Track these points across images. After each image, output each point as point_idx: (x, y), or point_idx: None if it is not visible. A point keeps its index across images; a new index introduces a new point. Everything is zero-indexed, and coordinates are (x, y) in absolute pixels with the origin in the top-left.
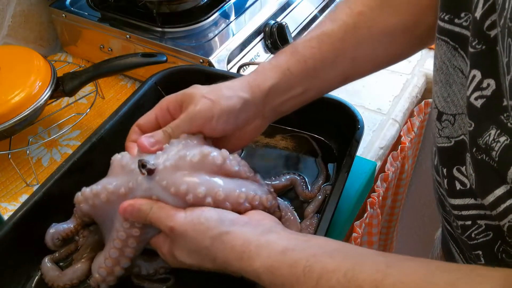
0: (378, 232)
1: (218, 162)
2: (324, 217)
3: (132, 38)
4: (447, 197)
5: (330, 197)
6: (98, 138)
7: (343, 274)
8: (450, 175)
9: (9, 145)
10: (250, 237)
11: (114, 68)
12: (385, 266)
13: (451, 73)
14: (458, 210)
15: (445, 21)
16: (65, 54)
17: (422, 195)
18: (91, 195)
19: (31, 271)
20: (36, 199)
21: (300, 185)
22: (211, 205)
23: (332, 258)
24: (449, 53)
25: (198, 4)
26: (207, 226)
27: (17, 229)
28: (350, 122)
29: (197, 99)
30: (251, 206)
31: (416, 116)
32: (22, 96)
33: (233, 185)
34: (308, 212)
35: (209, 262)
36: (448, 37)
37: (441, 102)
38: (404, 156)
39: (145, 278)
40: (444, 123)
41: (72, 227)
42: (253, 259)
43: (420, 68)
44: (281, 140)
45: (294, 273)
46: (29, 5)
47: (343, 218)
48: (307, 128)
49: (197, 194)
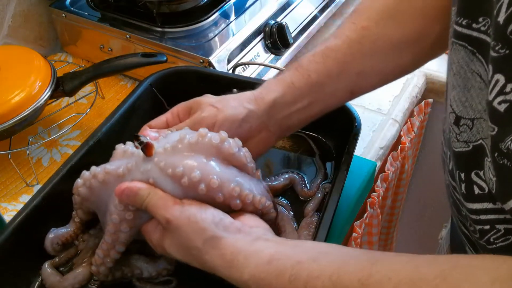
0: (378, 232)
1: (215, 142)
2: (325, 215)
3: (132, 38)
4: (464, 201)
5: (330, 195)
6: (95, 141)
7: (328, 278)
8: (468, 180)
9: (9, 145)
10: (240, 246)
11: (114, 68)
12: (370, 264)
13: (469, 77)
14: (476, 215)
15: (463, 26)
16: (65, 54)
17: (422, 195)
18: (89, 176)
19: (31, 277)
20: (35, 204)
21: (299, 183)
22: (204, 193)
23: (317, 262)
24: (467, 58)
25: (198, 4)
26: (201, 227)
27: (16, 235)
28: (347, 120)
29: (204, 106)
30: (242, 203)
31: (416, 116)
32: (22, 96)
33: (229, 175)
34: (308, 210)
35: (197, 263)
36: (466, 41)
37: (459, 106)
38: (404, 156)
39: (147, 281)
40: (462, 127)
41: (71, 231)
42: (242, 270)
43: (420, 68)
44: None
45: (281, 283)
46: (29, 5)
47: (343, 218)
48: (304, 127)
49: (191, 178)
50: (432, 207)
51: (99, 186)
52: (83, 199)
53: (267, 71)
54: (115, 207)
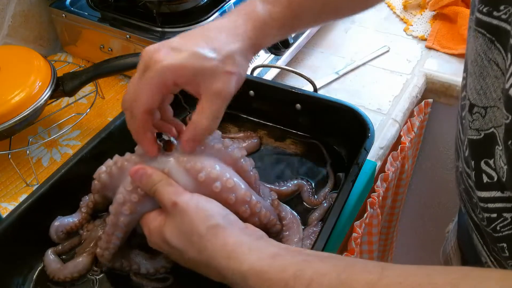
0: (378, 232)
1: (236, 155)
2: (325, 226)
3: (132, 38)
4: (475, 189)
5: (333, 206)
6: (108, 133)
7: (335, 277)
8: (477, 168)
9: (9, 145)
10: (243, 239)
11: (114, 68)
12: (380, 268)
13: (485, 65)
14: (484, 203)
15: (484, 13)
16: (65, 54)
17: (422, 195)
18: (111, 163)
19: (33, 263)
20: (43, 191)
21: (307, 191)
22: (218, 190)
23: (324, 262)
24: (485, 46)
25: (198, 4)
26: (207, 214)
27: (22, 220)
28: (361, 129)
29: (217, 74)
30: (251, 211)
31: (416, 116)
32: (22, 96)
33: (243, 183)
34: (312, 219)
35: (194, 251)
36: (485, 29)
37: (473, 94)
38: (404, 156)
39: (144, 276)
40: (475, 115)
41: (77, 221)
42: (242, 261)
43: (420, 68)
44: (291, 145)
45: (283, 278)
46: (29, 5)
47: (343, 218)
48: (318, 134)
49: (209, 174)
50: (432, 207)
51: (117, 173)
52: (102, 184)
53: (267, 71)
54: (123, 187)
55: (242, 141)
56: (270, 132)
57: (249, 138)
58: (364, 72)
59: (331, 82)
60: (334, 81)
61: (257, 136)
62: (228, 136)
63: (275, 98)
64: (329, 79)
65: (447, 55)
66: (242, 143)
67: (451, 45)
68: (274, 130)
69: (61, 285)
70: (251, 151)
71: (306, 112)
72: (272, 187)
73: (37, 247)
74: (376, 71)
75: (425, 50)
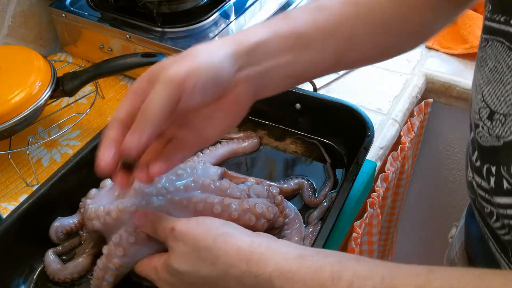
0: (378, 232)
1: (224, 187)
2: (325, 225)
3: (132, 38)
4: (494, 195)
5: (333, 205)
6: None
7: (379, 280)
8: (498, 174)
9: (9, 145)
10: (257, 240)
11: (114, 68)
12: (426, 270)
13: (505, 72)
14: (503, 209)
15: (500, 22)
16: (65, 54)
17: (422, 195)
18: (103, 213)
19: (34, 263)
20: (42, 192)
21: (307, 190)
22: (219, 211)
23: (361, 264)
24: (504, 53)
25: (198, 4)
26: (210, 226)
27: (22, 221)
28: (361, 129)
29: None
30: (255, 216)
31: (416, 116)
32: (22, 96)
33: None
34: (312, 218)
35: (207, 267)
36: (504, 37)
37: (494, 101)
38: (404, 156)
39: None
40: (495, 122)
41: (77, 222)
42: (265, 262)
43: (420, 68)
44: (291, 144)
45: (319, 279)
46: (29, 5)
47: (343, 218)
48: (317, 133)
49: (208, 203)
50: (432, 207)
51: (112, 222)
52: (94, 230)
53: None
54: (123, 230)
55: (242, 141)
56: (270, 132)
57: (249, 138)
58: (364, 72)
59: (331, 82)
60: (334, 81)
61: (257, 136)
62: (228, 136)
63: (275, 98)
64: (329, 79)
65: (447, 55)
66: (242, 143)
67: (451, 45)
68: (274, 130)
69: (61, 286)
70: (251, 151)
71: (306, 111)
72: (272, 184)
73: (37, 247)
74: (376, 71)
75: (425, 50)
